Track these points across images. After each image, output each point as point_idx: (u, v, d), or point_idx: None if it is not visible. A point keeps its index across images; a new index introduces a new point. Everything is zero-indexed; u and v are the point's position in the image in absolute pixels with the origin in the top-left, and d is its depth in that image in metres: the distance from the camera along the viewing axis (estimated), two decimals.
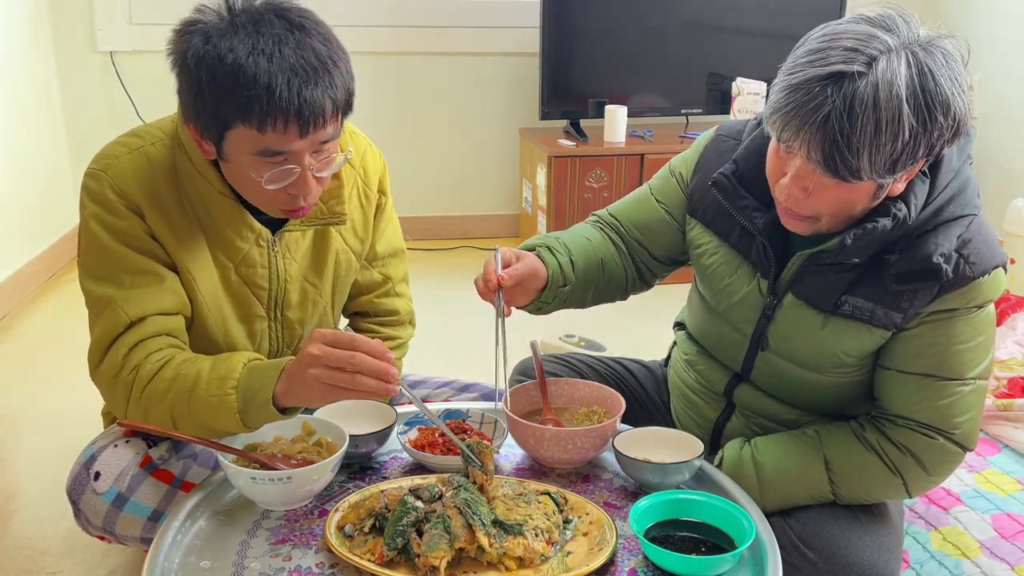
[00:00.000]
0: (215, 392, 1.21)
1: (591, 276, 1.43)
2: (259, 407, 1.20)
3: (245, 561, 1.11)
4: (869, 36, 1.09)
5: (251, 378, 1.21)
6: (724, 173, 1.32)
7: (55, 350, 2.70)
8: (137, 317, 1.28)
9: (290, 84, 1.15)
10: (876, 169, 1.10)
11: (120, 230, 1.29)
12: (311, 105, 1.16)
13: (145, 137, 1.34)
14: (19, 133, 3.14)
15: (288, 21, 1.18)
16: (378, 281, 1.60)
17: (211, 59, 1.15)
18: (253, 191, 1.27)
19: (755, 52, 3.53)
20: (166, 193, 1.31)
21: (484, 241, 3.93)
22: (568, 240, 1.43)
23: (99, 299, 1.30)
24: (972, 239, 1.22)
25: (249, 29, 1.16)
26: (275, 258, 1.40)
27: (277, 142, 1.19)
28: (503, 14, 3.70)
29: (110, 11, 3.42)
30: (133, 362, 1.27)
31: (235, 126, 1.18)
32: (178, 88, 1.23)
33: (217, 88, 1.16)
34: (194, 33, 1.18)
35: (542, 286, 1.34)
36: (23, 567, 1.73)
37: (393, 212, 1.59)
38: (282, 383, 1.18)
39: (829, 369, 1.32)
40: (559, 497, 1.18)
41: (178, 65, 1.21)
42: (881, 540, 1.29)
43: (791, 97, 1.11)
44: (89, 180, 1.31)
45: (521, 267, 1.30)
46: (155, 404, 1.25)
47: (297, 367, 1.16)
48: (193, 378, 1.23)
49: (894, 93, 1.06)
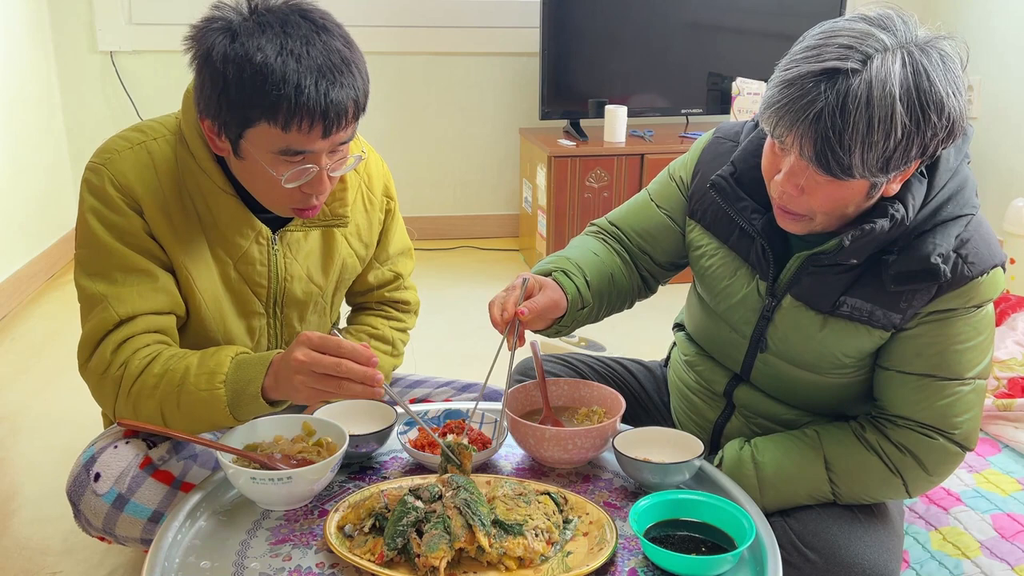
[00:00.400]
0: (204, 387, 1.23)
1: (604, 293, 1.43)
2: (248, 401, 1.22)
3: (245, 561, 1.11)
4: (866, 34, 1.09)
5: (239, 372, 1.23)
6: (722, 175, 1.32)
7: (55, 350, 2.70)
8: (127, 315, 1.29)
9: (317, 85, 1.16)
10: (868, 167, 1.10)
11: (117, 227, 1.30)
12: (336, 106, 1.18)
13: (148, 132, 1.34)
14: (19, 133, 3.14)
15: (312, 22, 1.20)
16: (390, 278, 1.64)
17: (239, 57, 1.16)
18: (264, 189, 1.28)
19: (755, 52, 3.53)
20: (167, 189, 1.31)
21: (484, 241, 3.94)
22: (580, 260, 1.42)
23: (91, 295, 1.31)
24: (970, 239, 1.22)
25: (276, 29, 1.17)
26: (275, 256, 1.40)
27: (299, 142, 1.20)
28: (503, 14, 3.71)
29: (110, 11, 3.42)
30: (121, 358, 1.28)
31: (258, 124, 1.19)
32: (198, 84, 1.23)
33: (244, 86, 1.16)
34: (217, 31, 1.19)
35: (561, 315, 1.34)
36: (23, 567, 1.73)
37: (399, 213, 1.63)
38: (270, 377, 1.22)
39: (828, 370, 1.32)
40: (559, 497, 1.18)
41: (200, 61, 1.21)
42: (881, 540, 1.29)
43: (785, 92, 1.11)
44: (90, 174, 1.31)
45: (543, 300, 1.29)
46: (144, 399, 1.27)
47: (284, 368, 1.18)
48: (182, 373, 1.25)
49: (887, 91, 1.06)
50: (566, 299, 1.34)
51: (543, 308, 1.29)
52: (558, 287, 1.34)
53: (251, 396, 1.22)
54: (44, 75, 3.38)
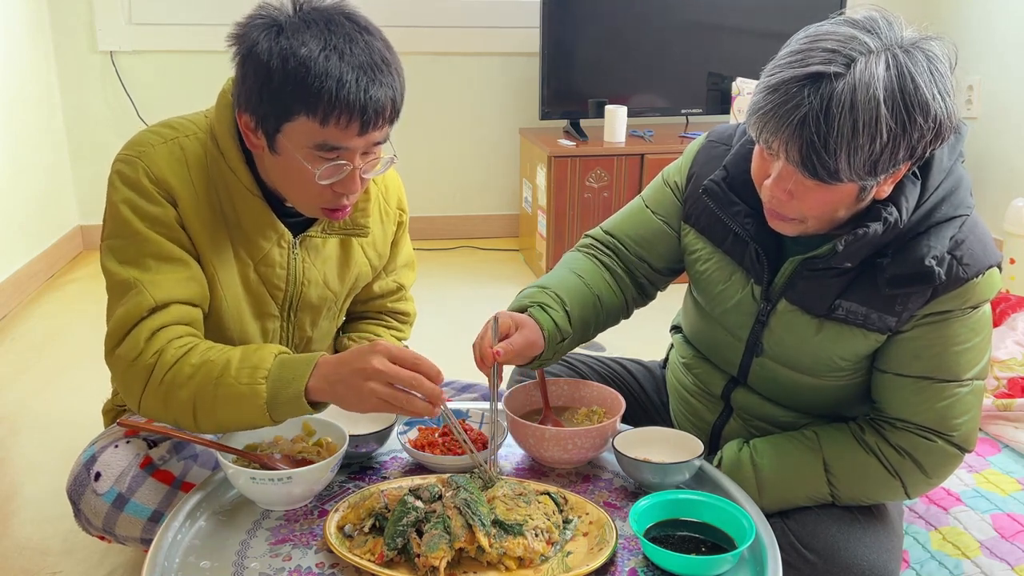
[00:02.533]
0: (245, 380, 1.20)
1: (589, 319, 1.41)
2: (289, 400, 1.19)
3: (245, 561, 1.11)
4: (850, 38, 1.09)
5: (282, 370, 1.20)
6: (715, 179, 1.31)
7: (55, 350, 2.70)
8: (162, 302, 1.27)
9: (359, 81, 1.19)
10: (855, 171, 1.10)
11: (152, 216, 1.29)
12: (375, 103, 1.20)
13: (179, 129, 1.35)
14: (19, 133, 3.14)
15: (355, 23, 1.23)
16: (393, 289, 1.66)
17: (283, 51, 1.19)
18: (296, 186, 1.29)
19: (755, 52, 3.50)
20: (197, 185, 1.32)
21: (484, 241, 3.94)
22: (561, 288, 1.40)
23: (123, 281, 1.29)
24: (965, 240, 1.21)
25: (321, 26, 1.20)
26: (295, 260, 1.41)
27: (336, 137, 1.22)
28: (503, 14, 3.71)
29: (110, 11, 3.42)
30: (155, 346, 1.25)
31: (297, 118, 1.21)
32: (239, 78, 1.25)
33: (287, 77, 1.18)
34: (262, 27, 1.21)
35: (540, 352, 1.33)
36: (23, 567, 1.73)
37: (408, 225, 1.66)
38: (316, 379, 1.18)
39: (825, 373, 1.32)
40: (559, 497, 1.18)
41: (243, 54, 1.23)
42: (881, 540, 1.29)
43: (769, 98, 1.11)
44: (123, 166, 1.31)
45: (519, 341, 1.28)
46: (178, 389, 1.23)
47: (352, 374, 1.15)
48: (222, 366, 1.22)
49: (871, 94, 1.06)
50: (543, 336, 1.32)
51: (520, 348, 1.28)
52: (535, 324, 1.32)
53: (293, 395, 1.18)
54: (44, 75, 3.38)
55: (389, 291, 1.66)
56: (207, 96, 1.47)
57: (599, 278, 1.45)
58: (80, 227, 3.58)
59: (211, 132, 1.34)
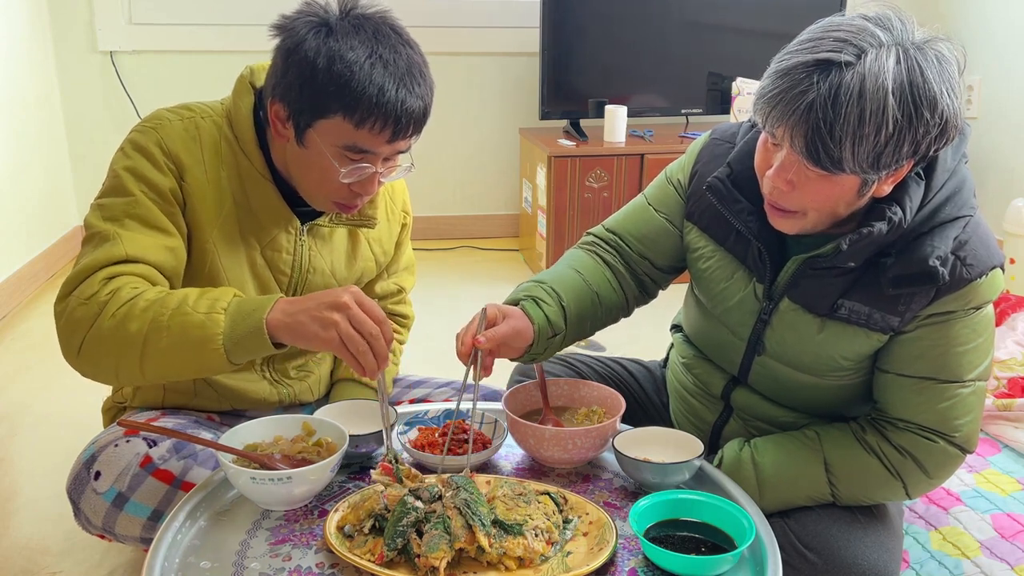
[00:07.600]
0: (204, 309, 1.19)
1: (586, 315, 1.40)
2: (248, 333, 1.17)
3: (245, 561, 1.11)
4: (862, 30, 1.09)
5: (242, 304, 1.21)
6: (719, 177, 1.31)
7: (55, 350, 2.69)
8: (133, 257, 1.26)
9: (398, 91, 1.24)
10: (859, 161, 1.10)
11: (150, 181, 1.31)
12: (408, 112, 1.25)
13: (196, 111, 1.38)
14: (19, 133, 3.14)
15: (399, 35, 1.29)
16: (394, 291, 1.69)
17: (332, 51, 1.23)
18: (316, 180, 1.32)
19: (755, 52, 3.51)
20: (208, 165, 1.34)
21: (484, 241, 3.94)
22: (558, 283, 1.39)
23: (100, 232, 1.29)
24: (968, 240, 1.21)
25: (369, 34, 1.25)
26: (301, 247, 1.43)
27: (366, 140, 1.26)
28: (503, 14, 3.71)
29: (110, 11, 3.42)
30: (112, 286, 1.23)
31: (333, 116, 1.25)
32: (279, 70, 1.27)
33: (331, 76, 1.22)
34: (311, 25, 1.25)
35: (529, 343, 1.32)
36: (23, 567, 1.73)
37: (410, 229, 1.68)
38: (276, 312, 1.18)
39: (826, 373, 1.32)
40: (559, 497, 1.18)
41: (288, 48, 1.26)
42: (881, 540, 1.29)
43: (777, 83, 1.11)
44: (136, 135, 1.34)
45: (503, 328, 1.27)
46: (129, 322, 1.20)
47: (316, 304, 1.16)
48: (180, 298, 1.21)
49: (880, 84, 1.06)
50: (533, 327, 1.32)
51: (504, 337, 1.27)
52: (523, 315, 1.31)
53: (252, 326, 1.17)
54: (44, 75, 3.38)
55: (389, 293, 1.68)
56: (207, 96, 1.47)
57: (599, 275, 1.45)
58: (80, 227, 3.58)
59: (227, 116, 1.37)
